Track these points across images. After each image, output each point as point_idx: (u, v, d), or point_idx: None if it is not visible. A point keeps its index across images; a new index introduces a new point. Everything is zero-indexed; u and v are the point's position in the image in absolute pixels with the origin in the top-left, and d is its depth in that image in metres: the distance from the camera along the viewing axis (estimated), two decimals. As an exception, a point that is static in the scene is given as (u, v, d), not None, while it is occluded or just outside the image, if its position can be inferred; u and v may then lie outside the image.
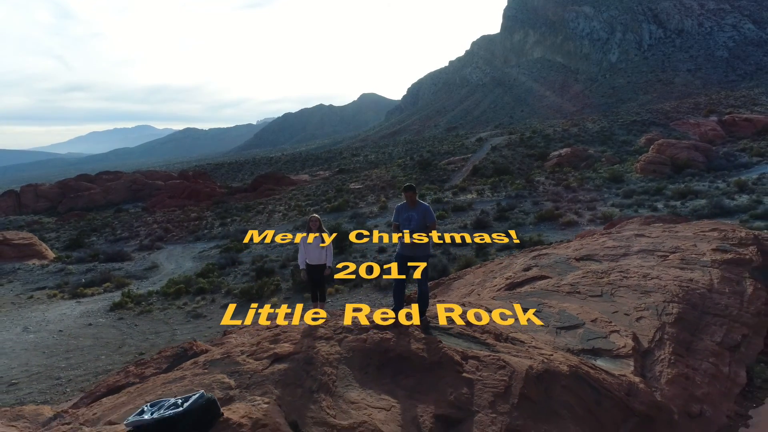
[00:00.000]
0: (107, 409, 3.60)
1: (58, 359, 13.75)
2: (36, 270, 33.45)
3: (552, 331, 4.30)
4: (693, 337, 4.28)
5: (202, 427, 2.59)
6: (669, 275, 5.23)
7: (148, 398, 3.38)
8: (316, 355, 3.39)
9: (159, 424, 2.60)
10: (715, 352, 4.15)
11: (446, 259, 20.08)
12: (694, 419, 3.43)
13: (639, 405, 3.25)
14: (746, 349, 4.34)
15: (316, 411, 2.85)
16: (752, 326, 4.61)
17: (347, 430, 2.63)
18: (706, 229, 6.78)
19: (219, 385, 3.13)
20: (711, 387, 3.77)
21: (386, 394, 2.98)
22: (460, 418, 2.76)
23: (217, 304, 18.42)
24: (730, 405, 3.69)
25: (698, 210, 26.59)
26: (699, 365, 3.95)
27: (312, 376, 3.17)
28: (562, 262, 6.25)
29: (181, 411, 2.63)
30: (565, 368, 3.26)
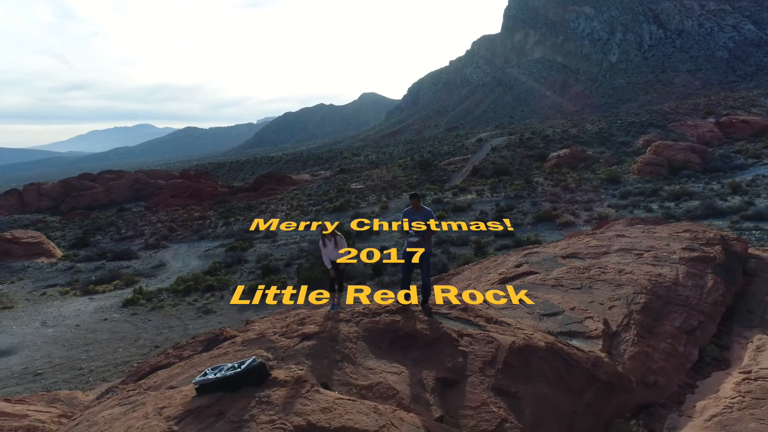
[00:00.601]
0: (164, 379, 4.34)
1: (79, 351, 14.51)
2: (45, 268, 34.15)
3: (536, 317, 5.05)
4: (656, 323, 5.03)
5: (256, 384, 3.33)
6: (641, 271, 5.98)
7: (200, 369, 4.12)
8: (338, 334, 4.13)
9: (222, 382, 3.34)
10: (673, 334, 4.91)
11: (446, 258, 20.80)
12: (649, 387, 4.19)
13: (602, 374, 4.02)
14: (701, 332, 5.09)
15: (341, 375, 3.59)
16: (708, 314, 5.37)
17: (367, 388, 3.37)
18: (679, 231, 7.53)
19: (259, 358, 3.88)
20: (666, 363, 4.53)
21: (397, 363, 3.72)
22: (456, 380, 3.52)
23: (226, 300, 19.15)
24: (681, 377, 4.45)
25: (691, 211, 27.23)
26: (658, 345, 4.70)
27: (336, 350, 3.91)
28: (550, 259, 7.00)
29: (239, 371, 3.36)
30: (543, 344, 4.03)
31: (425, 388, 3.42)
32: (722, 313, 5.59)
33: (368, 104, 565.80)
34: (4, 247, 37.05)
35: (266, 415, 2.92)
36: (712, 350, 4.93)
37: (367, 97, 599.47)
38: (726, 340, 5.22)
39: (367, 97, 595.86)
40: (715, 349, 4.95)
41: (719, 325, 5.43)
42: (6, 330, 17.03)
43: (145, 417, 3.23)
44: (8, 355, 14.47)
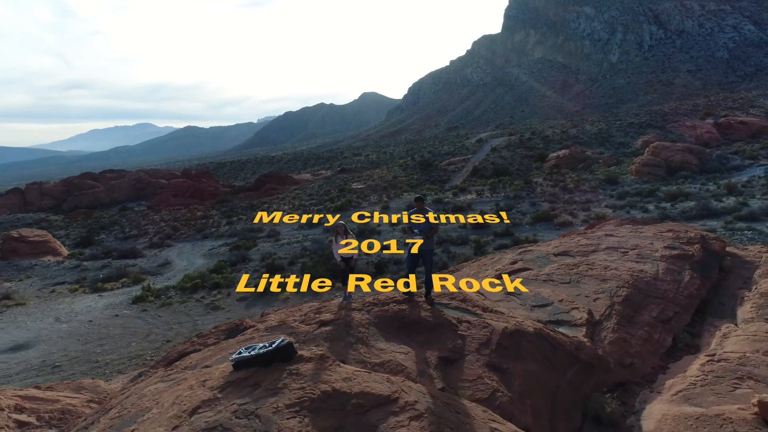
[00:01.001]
0: (197, 360, 4.90)
1: (93, 345, 15.10)
2: (52, 266, 34.69)
3: (528, 308, 5.61)
4: (635, 313, 5.60)
5: (285, 360, 3.90)
6: (625, 267, 6.55)
7: (230, 351, 4.68)
8: (352, 321, 4.70)
9: (256, 358, 3.91)
10: (650, 323, 5.48)
11: (446, 257, 21.38)
12: (625, 368, 4.77)
13: (584, 356, 4.59)
14: (676, 322, 5.66)
15: (356, 355, 4.15)
16: (683, 305, 5.94)
17: (379, 365, 3.94)
18: (663, 230, 8.10)
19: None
20: (642, 347, 5.10)
21: (404, 345, 4.29)
22: (455, 359, 4.09)
23: (233, 297, 19.72)
24: (655, 360, 5.02)
25: (687, 212, 27.77)
26: (636, 332, 5.27)
27: (351, 334, 4.47)
28: (543, 257, 7.57)
29: (271, 349, 3.93)
30: (531, 329, 4.60)
31: (429, 365, 4.00)
32: (697, 305, 6.16)
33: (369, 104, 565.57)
34: (12, 246, 37.66)
35: (297, 384, 3.49)
36: (685, 337, 5.50)
37: (367, 96, 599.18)
38: (698, 328, 5.79)
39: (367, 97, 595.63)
40: (687, 336, 5.52)
41: (693, 316, 6.00)
42: (21, 325, 17.62)
43: (190, 388, 3.79)
44: (26, 349, 15.07)
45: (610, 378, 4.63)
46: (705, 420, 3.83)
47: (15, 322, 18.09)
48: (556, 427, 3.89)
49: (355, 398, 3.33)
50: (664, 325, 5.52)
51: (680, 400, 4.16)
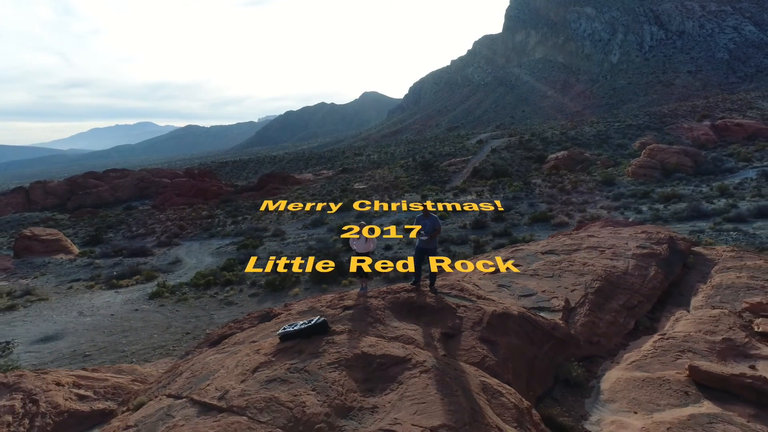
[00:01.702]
0: (243, 338, 5.97)
1: (118, 337, 16.21)
2: (65, 264, 35.74)
3: (515, 297, 6.69)
4: (605, 301, 6.67)
5: (321, 334, 4.97)
6: (601, 264, 7.62)
7: (272, 330, 5.75)
8: (370, 306, 5.77)
9: (299, 332, 4.98)
10: (617, 310, 6.55)
11: (447, 255, 22.46)
12: (593, 345, 5.85)
13: (558, 334, 5.68)
14: (639, 309, 6.73)
15: (375, 331, 5.23)
16: (647, 295, 7.02)
17: (394, 338, 5.01)
18: (639, 232, 9.17)
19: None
20: (608, 329, 6.17)
21: (414, 324, 5.37)
22: (454, 334, 5.18)
23: (245, 293, 20.84)
24: (618, 339, 6.10)
25: (678, 213, 28.82)
26: (604, 317, 6.35)
27: (370, 315, 5.55)
28: (531, 255, 8.64)
29: (311, 325, 5.02)
30: (516, 312, 5.69)
31: (433, 338, 5.07)
32: (659, 295, 7.23)
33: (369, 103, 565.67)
34: (25, 244, 38.80)
35: (333, 349, 4.57)
36: (645, 321, 6.57)
37: (368, 96, 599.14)
38: (658, 314, 6.85)
39: (368, 96, 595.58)
40: (647, 321, 6.59)
41: (655, 304, 7.06)
42: (48, 319, 18.75)
43: (247, 355, 4.86)
44: (56, 340, 16.19)
45: (580, 352, 5.71)
46: (649, 381, 4.90)
47: (41, 316, 19.21)
48: (533, 385, 4.97)
49: (378, 359, 4.41)
50: (628, 312, 6.60)
51: (632, 368, 5.23)
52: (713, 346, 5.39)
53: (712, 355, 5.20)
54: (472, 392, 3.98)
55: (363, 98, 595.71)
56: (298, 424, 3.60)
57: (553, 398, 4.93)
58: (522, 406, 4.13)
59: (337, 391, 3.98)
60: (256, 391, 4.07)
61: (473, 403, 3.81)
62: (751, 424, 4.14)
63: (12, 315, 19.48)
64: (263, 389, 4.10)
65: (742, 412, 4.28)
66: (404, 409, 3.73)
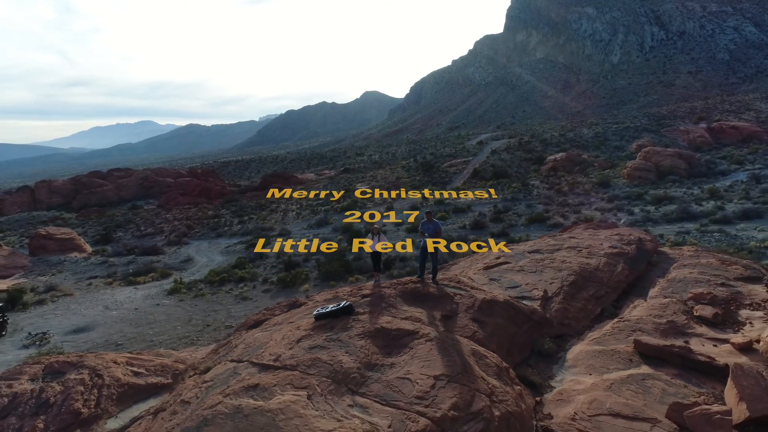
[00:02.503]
0: (281, 320, 7.33)
1: (145, 329, 17.62)
2: (80, 262, 37.07)
3: (503, 288, 8.05)
4: (577, 292, 8.03)
5: (348, 314, 6.34)
6: (577, 261, 8.98)
7: (303, 314, 7.11)
8: (384, 294, 7.14)
9: (330, 313, 6.34)
10: (586, 299, 7.91)
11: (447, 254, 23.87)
12: (564, 326, 7.21)
13: (535, 317, 7.05)
14: (605, 298, 8.09)
15: (389, 313, 6.59)
16: (613, 287, 8.38)
17: (405, 318, 6.37)
18: (613, 234, 10.54)
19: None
20: (578, 314, 7.53)
21: (419, 308, 6.74)
22: (452, 315, 6.54)
23: (258, 289, 22.24)
24: (585, 322, 7.45)
25: (668, 215, 30.18)
26: (575, 304, 7.71)
27: (384, 301, 6.92)
28: (519, 254, 10.00)
29: (340, 307, 6.38)
30: (502, 299, 7.07)
31: (435, 318, 6.43)
32: (624, 287, 8.59)
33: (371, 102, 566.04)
34: (41, 243, 40.17)
35: (359, 325, 5.94)
36: (610, 308, 7.92)
37: (369, 95, 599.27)
38: (622, 303, 8.19)
39: (369, 96, 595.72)
40: (611, 308, 7.95)
41: (620, 295, 8.42)
42: (77, 312, 20.17)
43: (290, 331, 6.22)
44: (88, 331, 17.61)
45: (553, 331, 7.05)
46: (604, 352, 6.26)
47: (70, 310, 20.64)
48: (513, 354, 6.33)
49: (393, 332, 5.77)
50: (596, 300, 7.96)
51: (593, 343, 6.58)
52: (658, 326, 6.74)
53: (657, 333, 6.55)
54: (464, 355, 5.34)
55: (364, 97, 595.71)
56: (338, 375, 4.96)
57: (528, 364, 6.30)
58: (502, 366, 5.48)
59: (364, 353, 5.34)
60: (302, 355, 5.43)
61: (465, 362, 5.17)
62: (672, 380, 5.49)
63: (42, 309, 20.93)
64: (308, 353, 5.48)
65: (669, 372, 5.63)
66: (414, 365, 5.09)
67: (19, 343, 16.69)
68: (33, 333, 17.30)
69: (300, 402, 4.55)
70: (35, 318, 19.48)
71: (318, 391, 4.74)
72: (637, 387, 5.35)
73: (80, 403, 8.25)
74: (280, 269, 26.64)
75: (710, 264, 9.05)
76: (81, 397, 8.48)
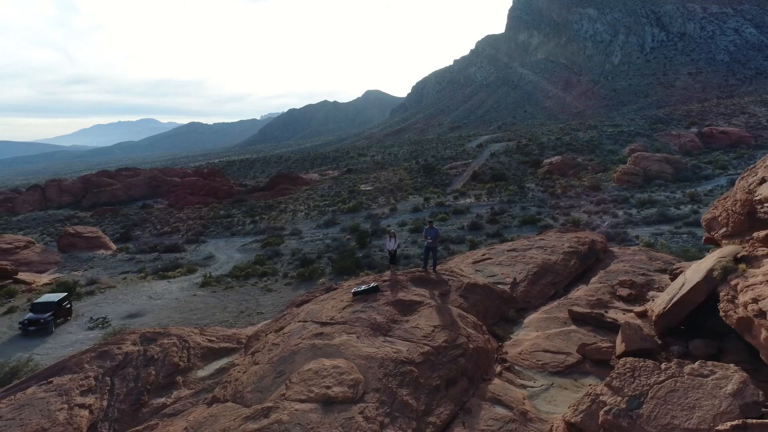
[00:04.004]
0: (325, 298, 10.32)
1: (188, 315, 20.69)
2: (108, 258, 40.06)
3: (485, 276, 11.06)
4: (538, 279, 11.00)
5: (376, 292, 9.31)
6: (541, 257, 11.96)
7: (342, 293, 10.13)
8: (398, 279, 10.15)
9: (364, 291, 9.29)
10: (545, 284, 10.89)
11: (446, 253, 26.87)
12: (526, 302, 10.20)
13: (505, 296, 10.05)
14: (559, 284, 11.05)
15: (403, 291, 9.60)
16: (566, 276, 11.37)
17: (414, 294, 9.40)
18: (573, 237, 13.51)
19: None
20: (537, 294, 10.52)
21: (424, 288, 9.76)
22: (446, 293, 9.54)
23: (280, 282, 25.30)
24: (542, 300, 10.43)
25: (648, 218, 33.12)
26: (535, 288, 10.70)
27: (399, 284, 9.92)
28: (500, 252, 12.99)
29: (371, 287, 9.31)
30: (482, 283, 10.08)
31: (435, 295, 9.43)
32: (574, 276, 11.56)
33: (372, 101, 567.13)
34: (69, 241, 43.28)
35: (384, 298, 8.91)
36: (561, 291, 10.88)
37: (371, 94, 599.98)
38: (571, 288, 11.15)
39: (371, 95, 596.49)
40: (562, 291, 10.90)
41: (571, 282, 11.40)
42: (125, 301, 23.26)
43: (336, 303, 9.20)
44: (140, 317, 20.69)
45: (517, 306, 10.02)
46: (548, 318, 9.23)
47: (118, 299, 23.73)
48: (487, 319, 9.31)
49: (407, 302, 8.73)
50: (552, 285, 10.94)
51: (543, 313, 9.55)
52: (589, 301, 9.72)
53: (587, 306, 9.53)
54: (453, 315, 8.32)
55: (366, 96, 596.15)
56: (374, 325, 7.94)
57: (497, 325, 9.30)
58: (477, 323, 8.46)
59: (389, 314, 8.32)
60: (348, 315, 8.43)
61: (453, 319, 8.14)
62: (588, 333, 8.47)
63: (94, 298, 24.03)
64: (352, 315, 8.47)
65: (587, 329, 8.61)
66: (421, 320, 8.07)
67: (84, 326, 19.77)
68: (94, 318, 20.39)
69: (352, 340, 7.56)
70: (91, 306, 22.57)
71: (362, 334, 7.75)
72: (564, 337, 8.33)
73: (177, 358, 11.34)
74: (296, 265, 29.63)
75: (640, 260, 12.03)
76: (176, 354, 11.57)
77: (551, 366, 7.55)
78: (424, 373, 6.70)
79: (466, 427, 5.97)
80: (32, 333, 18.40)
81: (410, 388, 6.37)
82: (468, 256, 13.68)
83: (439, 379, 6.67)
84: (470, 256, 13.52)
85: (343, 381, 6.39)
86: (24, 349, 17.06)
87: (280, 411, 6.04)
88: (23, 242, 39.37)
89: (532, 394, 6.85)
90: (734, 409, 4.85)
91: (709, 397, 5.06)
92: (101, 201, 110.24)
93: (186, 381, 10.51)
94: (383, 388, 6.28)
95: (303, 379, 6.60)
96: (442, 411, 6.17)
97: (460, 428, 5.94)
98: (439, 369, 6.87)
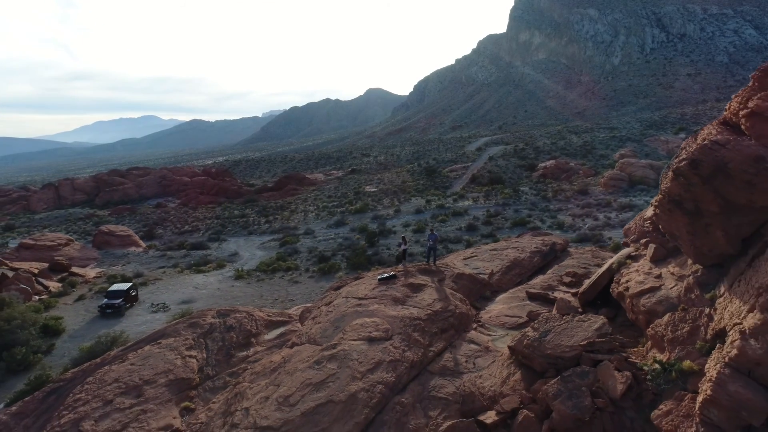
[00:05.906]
0: (357, 283, 14.52)
1: (232, 301, 24.99)
2: (141, 255, 44.21)
3: (471, 268, 15.34)
4: (509, 271, 15.21)
5: (394, 279, 13.62)
6: (513, 254, 16.20)
7: (368, 280, 14.37)
8: (409, 270, 14.45)
9: (386, 278, 13.49)
10: (514, 274, 15.12)
11: (445, 251, 31.15)
12: (499, 287, 14.41)
13: (484, 282, 14.30)
14: (524, 274, 15.31)
15: (412, 278, 13.90)
16: (530, 269, 15.61)
17: (421, 280, 13.70)
18: (540, 239, 17.76)
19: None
20: (508, 282, 14.76)
21: (427, 276, 14.03)
22: (442, 279, 13.77)
23: (304, 276, 29.57)
24: (511, 286, 14.64)
25: (624, 221, 37.29)
26: (506, 277, 14.91)
27: (408, 273, 14.19)
28: (485, 251, 17.24)
29: (390, 275, 13.44)
30: (468, 273, 14.33)
31: (435, 280, 13.65)
32: (536, 269, 15.85)
33: (374, 100, 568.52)
34: (104, 239, 47.57)
35: (399, 282, 13.10)
36: (525, 279, 15.16)
37: (372, 92, 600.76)
38: (534, 277, 15.41)
39: (372, 93, 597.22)
40: (527, 279, 15.19)
41: (533, 273, 15.68)
42: (175, 291, 27.58)
43: (366, 285, 13.39)
44: (192, 303, 25.00)
45: (493, 288, 14.26)
46: (512, 297, 13.44)
47: (168, 289, 28.06)
48: (470, 297, 13.55)
49: (416, 284, 12.87)
50: (519, 275, 15.21)
51: (509, 294, 13.77)
52: (543, 286, 13.96)
53: (540, 289, 13.81)
54: (446, 293, 12.54)
55: (368, 95, 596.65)
56: (394, 298, 12.17)
57: (477, 302, 13.60)
58: (463, 299, 12.71)
59: (404, 292, 12.57)
60: (377, 293, 12.67)
61: (447, 296, 12.35)
62: (537, 306, 12.77)
63: (149, 288, 28.37)
64: (379, 293, 12.74)
65: (537, 303, 12.86)
66: (426, 296, 12.30)
67: (148, 310, 24.11)
68: (155, 303, 24.73)
69: (381, 307, 11.84)
70: (148, 294, 26.91)
71: (388, 304, 12.03)
72: (520, 308, 12.58)
73: (249, 326, 15.65)
74: (314, 261, 33.87)
75: (587, 257, 16.27)
76: (248, 323, 15.88)
77: (508, 324, 11.85)
78: (428, 325, 11.02)
79: (452, 354, 10.30)
80: (109, 315, 22.76)
81: (419, 332, 10.70)
82: (460, 253, 18.00)
83: (437, 328, 11.00)
84: (462, 254, 17.84)
85: (378, 329, 10.71)
86: (106, 327, 21.39)
87: (342, 345, 10.34)
88: (64, 240, 43.68)
89: (494, 338, 11.16)
90: (594, 336, 9.17)
91: (583, 331, 9.36)
92: (114, 200, 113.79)
93: (258, 341, 14.83)
94: (403, 332, 10.60)
95: (353, 329, 10.91)
96: (438, 345, 10.49)
97: (449, 354, 10.28)
98: (437, 323, 11.20)
